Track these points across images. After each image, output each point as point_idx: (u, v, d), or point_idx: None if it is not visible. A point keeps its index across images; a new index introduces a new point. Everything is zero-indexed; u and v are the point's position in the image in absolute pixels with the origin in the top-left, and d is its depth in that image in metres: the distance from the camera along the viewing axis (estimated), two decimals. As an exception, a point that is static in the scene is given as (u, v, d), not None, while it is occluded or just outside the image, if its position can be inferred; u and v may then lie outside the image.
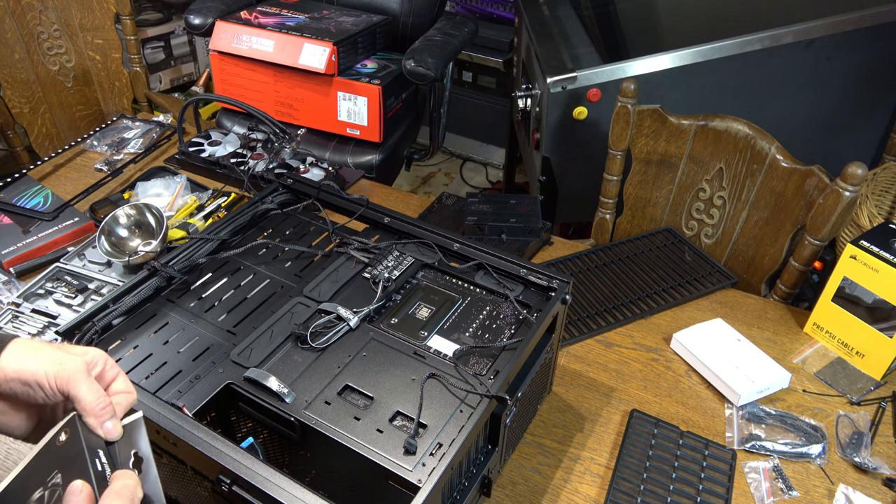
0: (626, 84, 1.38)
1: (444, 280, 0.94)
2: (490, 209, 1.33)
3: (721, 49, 1.62)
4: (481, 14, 2.81)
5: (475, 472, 0.78)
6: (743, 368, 1.04)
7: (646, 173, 1.49)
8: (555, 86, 1.64)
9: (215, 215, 1.33)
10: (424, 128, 2.15)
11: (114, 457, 0.56)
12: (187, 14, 1.92)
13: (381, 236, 1.01)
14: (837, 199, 1.15)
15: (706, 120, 1.37)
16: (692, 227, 1.48)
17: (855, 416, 1.00)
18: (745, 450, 0.95)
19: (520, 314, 0.87)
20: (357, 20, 1.92)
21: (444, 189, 3.00)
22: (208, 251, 0.97)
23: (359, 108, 1.81)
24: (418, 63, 1.73)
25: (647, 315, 1.18)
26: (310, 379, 0.77)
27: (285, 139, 1.49)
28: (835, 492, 0.90)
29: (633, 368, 1.08)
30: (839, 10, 1.62)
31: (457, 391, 0.76)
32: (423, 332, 0.84)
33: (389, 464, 0.68)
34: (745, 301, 1.23)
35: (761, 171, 1.32)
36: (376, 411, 0.73)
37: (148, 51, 2.75)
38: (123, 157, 1.56)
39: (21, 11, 1.90)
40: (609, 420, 1.00)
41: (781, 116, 1.72)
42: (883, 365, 1.06)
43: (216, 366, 0.79)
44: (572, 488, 0.90)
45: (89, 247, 1.23)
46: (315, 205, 1.07)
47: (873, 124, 1.80)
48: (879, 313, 1.05)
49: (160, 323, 0.86)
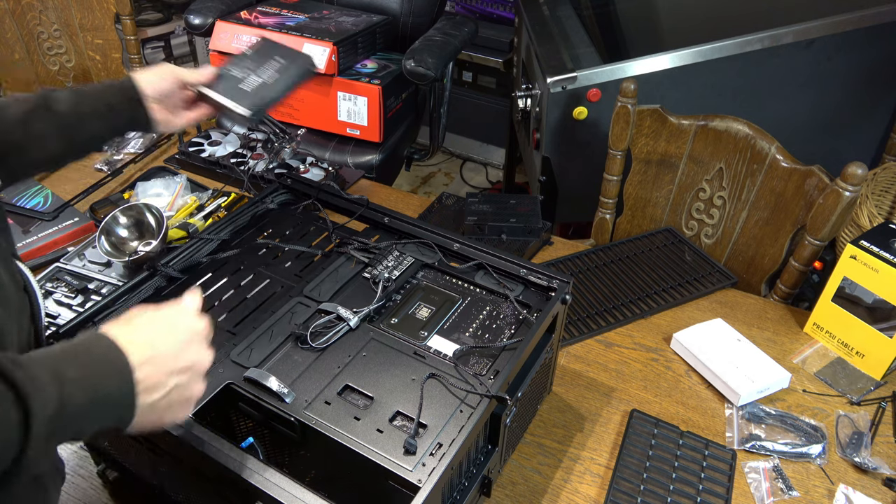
0: (626, 84, 1.38)
1: (444, 280, 0.94)
2: (490, 209, 1.33)
3: (721, 49, 1.62)
4: (481, 14, 2.80)
5: (475, 472, 0.78)
6: (743, 368, 1.04)
7: (646, 173, 1.49)
8: (555, 86, 1.63)
9: (215, 215, 1.33)
10: (424, 128, 2.15)
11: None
12: (187, 14, 1.92)
13: (381, 236, 1.01)
14: (837, 199, 1.15)
15: (706, 120, 1.37)
16: (692, 227, 1.48)
17: (855, 416, 1.00)
18: (745, 450, 0.95)
19: (520, 314, 0.87)
20: (357, 20, 1.92)
21: (444, 189, 3.00)
22: (208, 251, 0.97)
23: (359, 108, 1.81)
24: (418, 63, 1.73)
25: (647, 315, 1.18)
26: (310, 379, 0.77)
27: (285, 139, 1.49)
28: (835, 492, 0.90)
29: (633, 368, 1.08)
30: (839, 10, 1.62)
31: (457, 391, 0.76)
32: (423, 332, 0.84)
33: (389, 464, 0.68)
34: (745, 301, 1.23)
35: (761, 171, 1.32)
36: (376, 411, 0.73)
37: (148, 51, 2.75)
38: (123, 157, 1.55)
39: (21, 11, 1.90)
40: (609, 420, 1.00)
41: (781, 116, 1.72)
42: (883, 365, 1.06)
43: (216, 366, 0.79)
44: (572, 488, 0.90)
45: (89, 247, 1.23)
46: (315, 205, 1.07)
47: (873, 124, 1.80)
48: (879, 313, 1.04)
49: (160, 323, 0.85)
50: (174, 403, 0.58)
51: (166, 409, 0.57)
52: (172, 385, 0.57)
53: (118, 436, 0.73)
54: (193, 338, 0.60)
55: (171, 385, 0.57)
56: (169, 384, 0.56)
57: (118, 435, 0.57)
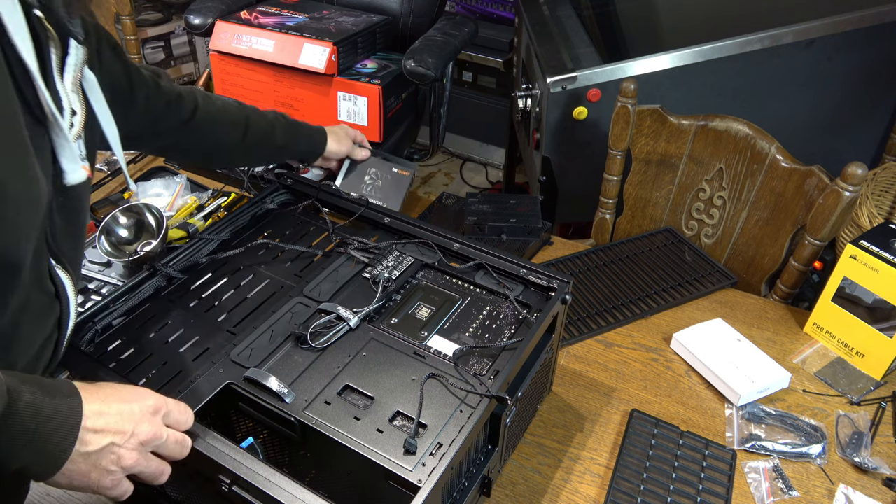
0: (626, 84, 1.38)
1: (444, 280, 0.94)
2: (490, 209, 1.33)
3: (721, 49, 1.62)
4: (481, 14, 2.81)
5: (475, 472, 0.78)
6: (743, 368, 1.04)
7: (646, 173, 1.49)
8: (555, 86, 1.64)
9: (215, 215, 1.33)
10: (424, 128, 2.15)
11: None
12: (187, 14, 1.92)
13: (381, 236, 1.01)
14: (837, 199, 1.15)
15: (706, 120, 1.37)
16: (692, 227, 1.48)
17: (855, 416, 1.00)
18: (745, 450, 0.95)
19: (520, 314, 0.87)
20: (357, 20, 1.92)
21: (444, 189, 3.00)
22: (208, 251, 0.97)
23: (359, 108, 1.81)
24: (418, 63, 1.73)
25: (647, 315, 1.18)
26: (310, 379, 0.77)
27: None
28: (835, 492, 0.90)
29: (633, 368, 1.08)
30: (839, 10, 1.62)
31: (457, 391, 0.76)
32: (423, 332, 0.84)
33: (389, 464, 0.68)
34: (745, 301, 1.23)
35: (761, 171, 1.32)
36: (376, 411, 0.73)
37: (148, 51, 2.75)
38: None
39: (21, 11, 1.90)
40: (609, 420, 1.00)
41: (781, 116, 1.72)
42: (883, 365, 1.06)
43: (216, 366, 0.79)
44: (572, 488, 0.90)
45: (89, 247, 1.23)
46: (315, 205, 1.07)
47: (873, 124, 1.80)
48: (879, 313, 1.05)
49: (160, 323, 0.86)
50: (102, 463, 0.60)
51: (94, 467, 0.60)
52: (107, 442, 0.60)
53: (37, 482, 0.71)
54: (146, 411, 0.63)
55: (107, 442, 0.60)
56: (105, 440, 0.60)
57: (38, 481, 0.60)
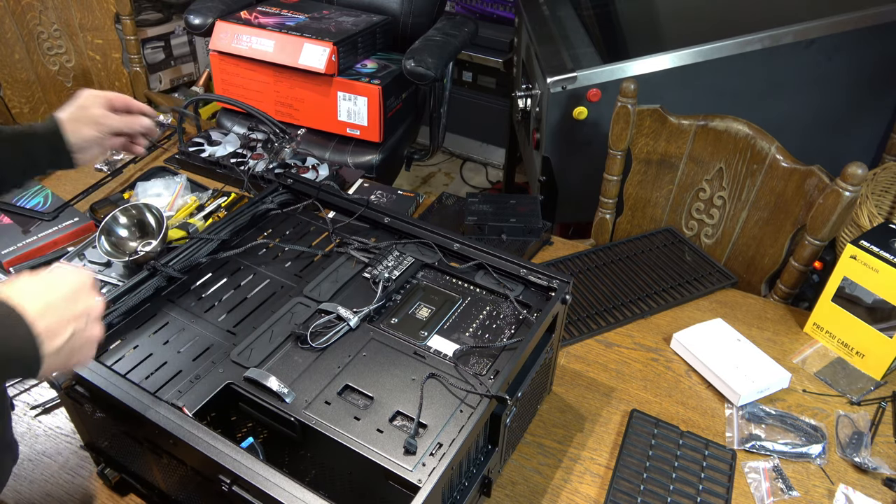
0: (626, 84, 1.38)
1: (444, 280, 0.94)
2: (490, 209, 1.33)
3: (721, 49, 1.61)
4: (481, 14, 2.80)
5: (475, 472, 0.78)
6: (743, 368, 1.04)
7: (646, 173, 1.49)
8: (555, 86, 1.63)
9: (215, 215, 1.33)
10: (424, 128, 2.15)
11: None
12: (187, 14, 1.92)
13: (381, 236, 1.01)
14: (837, 199, 1.15)
15: (706, 120, 1.37)
16: (692, 227, 1.48)
17: (855, 416, 1.00)
18: (745, 450, 0.95)
19: (520, 314, 0.87)
20: (357, 20, 1.92)
21: (444, 189, 3.00)
22: (208, 251, 0.97)
23: (359, 108, 1.81)
24: (418, 63, 1.73)
25: (647, 315, 1.18)
26: (310, 379, 0.77)
27: (285, 139, 1.49)
28: (835, 492, 0.90)
29: (633, 368, 1.08)
30: (839, 10, 1.62)
31: (457, 391, 0.76)
32: (423, 332, 0.84)
33: (389, 464, 0.68)
34: (745, 301, 1.23)
35: (761, 171, 1.32)
36: (376, 411, 0.73)
37: (148, 51, 2.75)
38: (123, 156, 1.55)
39: (21, 11, 1.90)
40: (609, 420, 1.00)
41: (781, 116, 1.72)
42: (883, 365, 1.06)
43: (216, 366, 0.79)
44: (572, 488, 0.90)
45: (89, 247, 1.23)
46: (315, 205, 1.07)
47: (873, 124, 1.80)
48: (879, 313, 1.04)
49: (160, 323, 0.86)
50: (76, 347, 0.63)
51: (70, 354, 0.62)
52: (71, 332, 0.61)
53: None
54: (80, 288, 0.64)
55: (70, 331, 0.61)
56: (68, 331, 0.61)
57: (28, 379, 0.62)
